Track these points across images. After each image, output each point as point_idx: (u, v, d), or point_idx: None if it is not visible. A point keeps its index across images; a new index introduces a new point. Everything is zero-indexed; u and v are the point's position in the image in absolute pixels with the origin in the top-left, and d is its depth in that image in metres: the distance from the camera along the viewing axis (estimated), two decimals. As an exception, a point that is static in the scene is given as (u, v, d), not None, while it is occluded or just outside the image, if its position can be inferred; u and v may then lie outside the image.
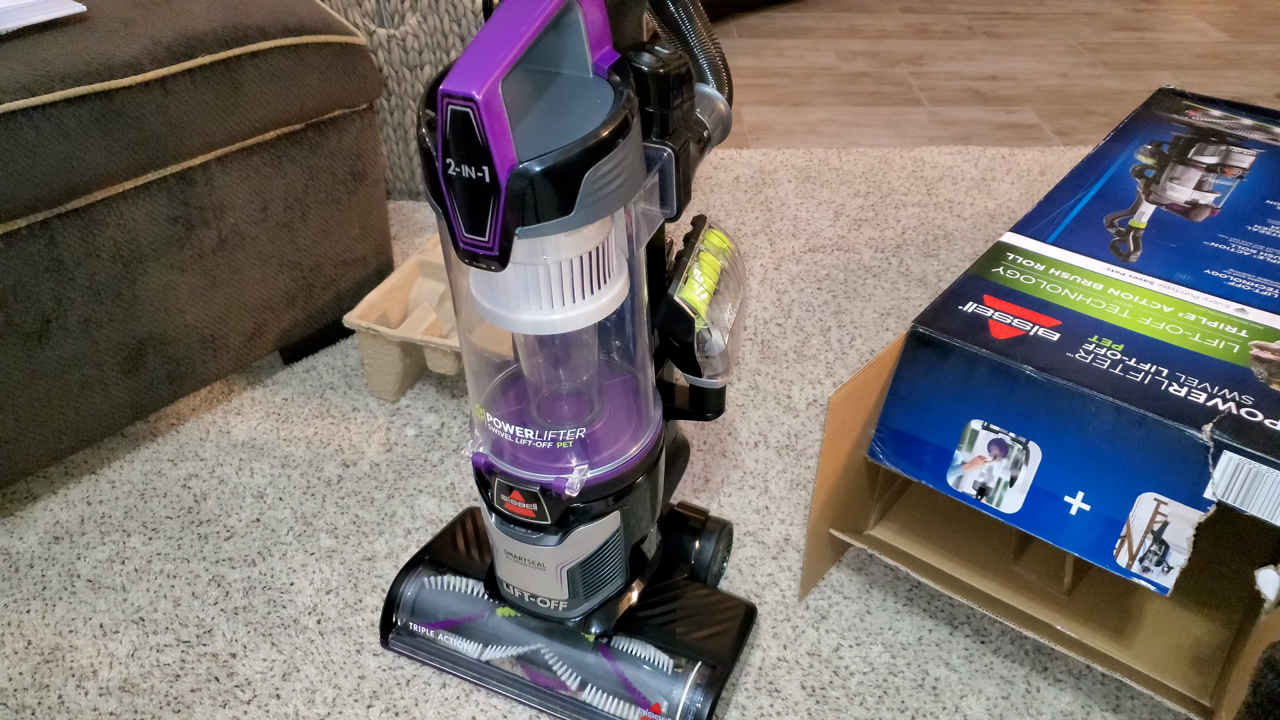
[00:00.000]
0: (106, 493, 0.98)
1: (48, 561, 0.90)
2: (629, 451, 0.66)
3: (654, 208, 0.58)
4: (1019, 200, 1.51)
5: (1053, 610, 0.78)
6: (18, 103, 0.78)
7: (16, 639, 0.83)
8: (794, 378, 1.13)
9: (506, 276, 0.55)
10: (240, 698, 0.79)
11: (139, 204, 0.89)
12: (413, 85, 1.39)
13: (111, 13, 0.89)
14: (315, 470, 1.00)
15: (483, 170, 0.49)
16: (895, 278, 1.31)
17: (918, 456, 0.75)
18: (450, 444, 1.04)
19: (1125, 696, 0.79)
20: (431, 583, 0.81)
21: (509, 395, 0.68)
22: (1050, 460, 0.70)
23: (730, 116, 0.66)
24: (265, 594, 0.87)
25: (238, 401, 1.09)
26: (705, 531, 0.84)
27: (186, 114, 0.88)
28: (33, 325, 0.85)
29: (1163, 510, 0.66)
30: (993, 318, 0.77)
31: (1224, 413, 0.66)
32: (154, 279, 0.92)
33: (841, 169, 1.60)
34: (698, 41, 0.65)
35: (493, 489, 0.66)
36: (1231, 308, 0.78)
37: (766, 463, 1.01)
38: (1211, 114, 1.10)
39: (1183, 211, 0.91)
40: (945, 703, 0.78)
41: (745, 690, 0.79)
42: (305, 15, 0.98)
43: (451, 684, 0.79)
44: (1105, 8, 2.44)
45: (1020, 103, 1.89)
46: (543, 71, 0.55)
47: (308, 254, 1.06)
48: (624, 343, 0.66)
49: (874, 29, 2.28)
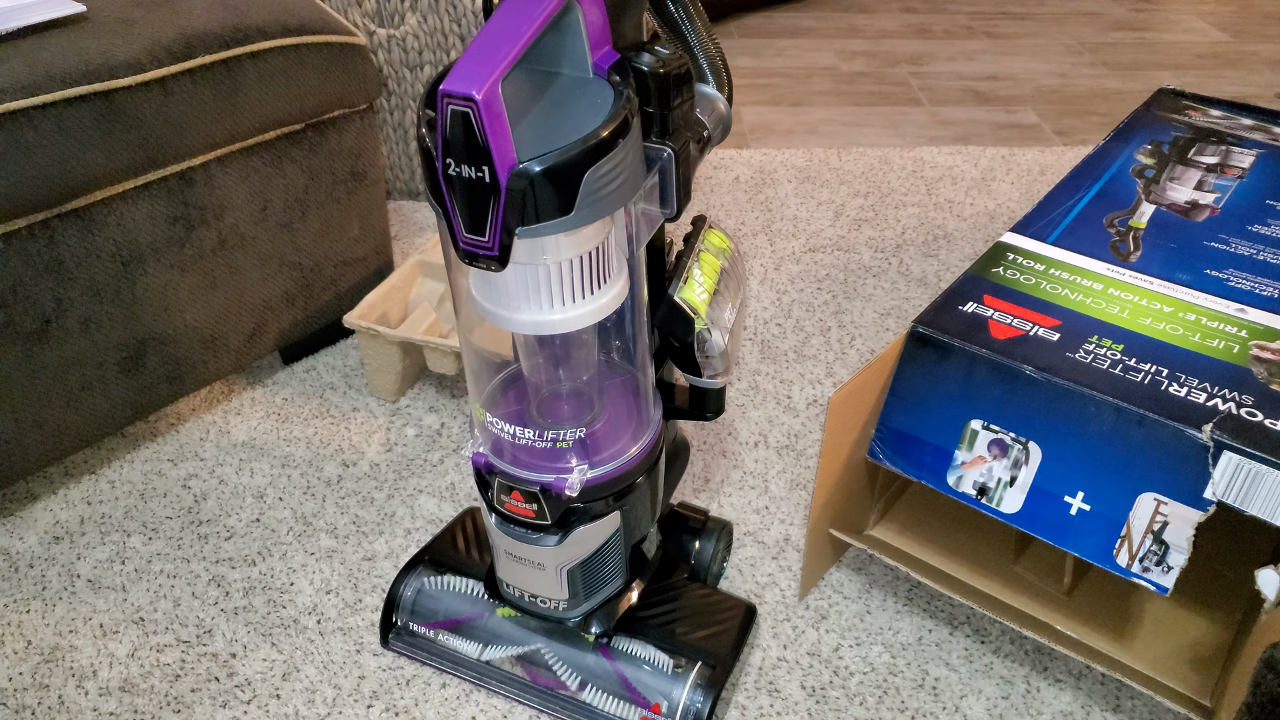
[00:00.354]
0: (106, 493, 0.98)
1: (48, 561, 0.90)
2: (629, 451, 0.66)
3: (654, 208, 0.58)
4: (1019, 200, 1.51)
5: (1053, 610, 0.78)
6: (17, 103, 0.78)
7: (16, 639, 0.83)
8: (794, 378, 1.13)
9: (506, 276, 0.55)
10: (240, 698, 0.78)
11: (139, 204, 0.89)
12: (413, 85, 1.39)
13: (111, 13, 0.89)
14: (315, 470, 1.00)
15: (483, 170, 0.49)
16: (895, 278, 1.31)
17: (918, 456, 0.75)
18: (450, 444, 1.04)
19: (1125, 696, 0.79)
20: (431, 583, 0.81)
21: (509, 395, 0.68)
22: (1050, 460, 0.70)
23: (730, 116, 0.66)
24: (265, 594, 0.87)
25: (238, 401, 1.09)
26: (705, 531, 0.84)
27: (186, 114, 0.88)
28: (33, 325, 0.85)
29: (1163, 510, 0.66)
30: (993, 318, 0.77)
31: (1224, 413, 0.66)
32: (154, 279, 0.92)
33: (841, 169, 1.60)
34: (698, 41, 0.65)
35: (493, 489, 0.66)
36: (1231, 308, 0.78)
37: (766, 463, 1.01)
38: (1211, 114, 1.10)
39: (1183, 211, 0.91)
40: (945, 703, 0.78)
41: (745, 690, 0.79)
42: (305, 15, 0.98)
43: (451, 684, 0.79)
44: (1105, 8, 2.44)
45: (1020, 103, 1.89)
46: (543, 71, 0.55)
47: (308, 254, 1.06)
48: (624, 343, 0.66)
49: (874, 29, 2.28)
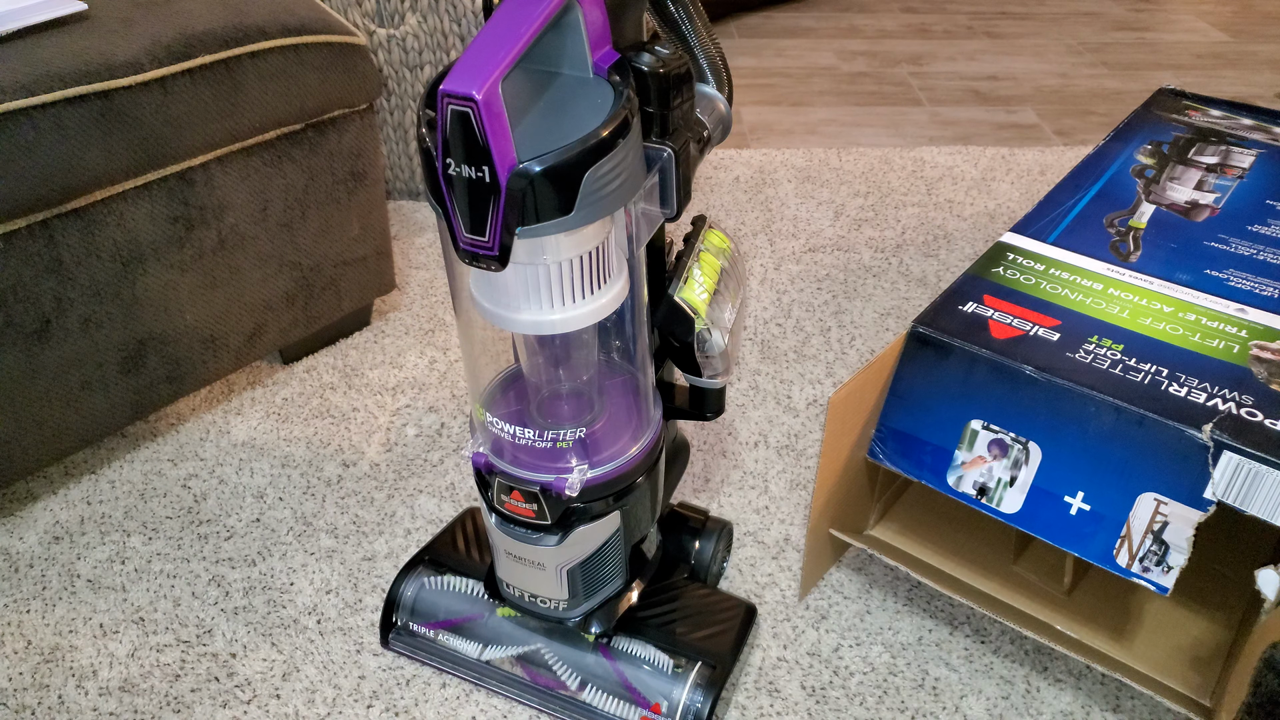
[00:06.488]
0: (106, 493, 0.98)
1: (48, 561, 0.90)
2: (629, 451, 0.66)
3: (654, 208, 0.58)
4: (1019, 200, 1.51)
5: (1053, 610, 0.78)
6: (18, 103, 0.78)
7: (16, 639, 0.83)
8: (794, 378, 1.13)
9: (506, 276, 0.55)
10: (240, 698, 0.78)
11: (139, 204, 0.89)
12: (413, 85, 1.39)
13: (111, 13, 0.89)
14: (315, 470, 1.00)
15: (483, 170, 0.49)
16: (895, 278, 1.31)
17: (918, 456, 0.75)
18: (450, 444, 1.04)
19: (1125, 696, 0.79)
20: (431, 583, 0.81)
21: (509, 395, 0.68)
22: (1050, 460, 0.70)
23: (730, 116, 0.66)
24: (265, 594, 0.87)
25: (238, 401, 1.09)
26: (705, 531, 0.84)
27: (186, 114, 0.88)
28: (33, 325, 0.85)
29: (1163, 510, 0.66)
30: (993, 318, 0.77)
31: (1224, 413, 0.66)
32: (154, 279, 0.92)
33: (841, 169, 1.60)
34: (698, 41, 0.65)
35: (493, 489, 0.66)
36: (1231, 308, 0.78)
37: (766, 463, 1.01)
38: (1211, 114, 1.10)
39: (1183, 211, 0.91)
40: (945, 703, 0.78)
41: (745, 690, 0.79)
42: (305, 15, 0.98)
43: (451, 684, 0.79)
44: (1105, 8, 2.44)
45: (1020, 103, 1.89)
46: (543, 71, 0.55)
47: (308, 254, 1.06)
48: (624, 343, 0.66)
49: (874, 29, 2.28)
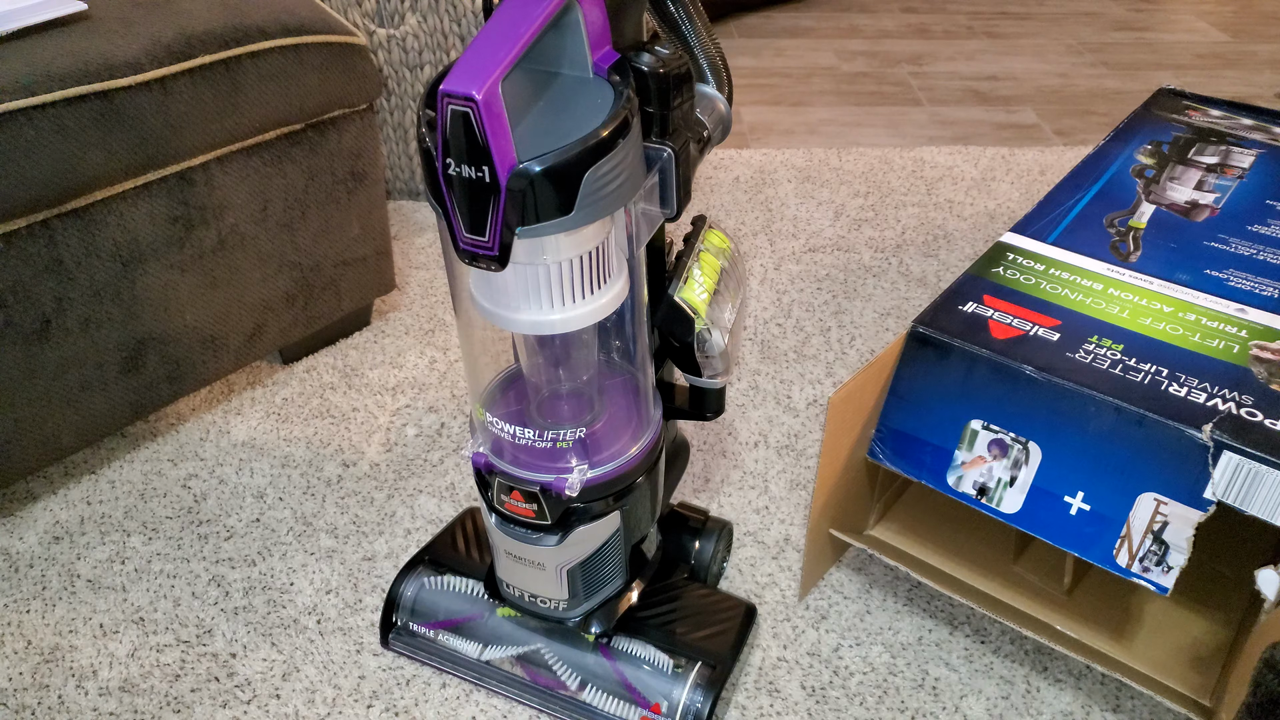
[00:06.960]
0: (106, 493, 0.98)
1: (48, 561, 0.90)
2: (629, 451, 0.66)
3: (654, 208, 0.58)
4: (1019, 200, 1.51)
5: (1053, 610, 0.78)
6: (18, 102, 0.78)
7: (16, 639, 0.83)
8: (794, 378, 1.13)
9: (506, 276, 0.55)
10: (240, 698, 0.78)
11: (139, 204, 0.89)
12: (413, 85, 1.39)
13: (111, 13, 0.89)
14: (315, 470, 1.00)
15: (483, 170, 0.49)
16: (895, 278, 1.31)
17: (918, 456, 0.75)
18: (450, 444, 1.04)
19: (1125, 696, 0.79)
20: (431, 583, 0.81)
21: (509, 395, 0.68)
22: (1050, 460, 0.70)
23: (730, 116, 0.66)
24: (265, 594, 0.87)
25: (238, 401, 1.09)
26: (705, 531, 0.84)
27: (186, 114, 0.88)
28: (33, 325, 0.85)
29: (1163, 510, 0.66)
30: (993, 318, 0.77)
31: (1224, 413, 0.66)
32: (154, 279, 0.92)
33: (841, 169, 1.60)
34: (698, 41, 0.65)
35: (493, 489, 0.66)
36: (1231, 308, 0.78)
37: (766, 463, 1.01)
38: (1211, 114, 1.10)
39: (1183, 211, 0.91)
40: (945, 703, 0.78)
41: (745, 690, 0.79)
42: (305, 15, 0.98)
43: (451, 684, 0.79)
44: (1105, 8, 2.44)
45: (1020, 103, 1.89)
46: (543, 71, 0.55)
47: (308, 254, 1.06)
48: (624, 343, 0.66)
49: (874, 29, 2.28)
